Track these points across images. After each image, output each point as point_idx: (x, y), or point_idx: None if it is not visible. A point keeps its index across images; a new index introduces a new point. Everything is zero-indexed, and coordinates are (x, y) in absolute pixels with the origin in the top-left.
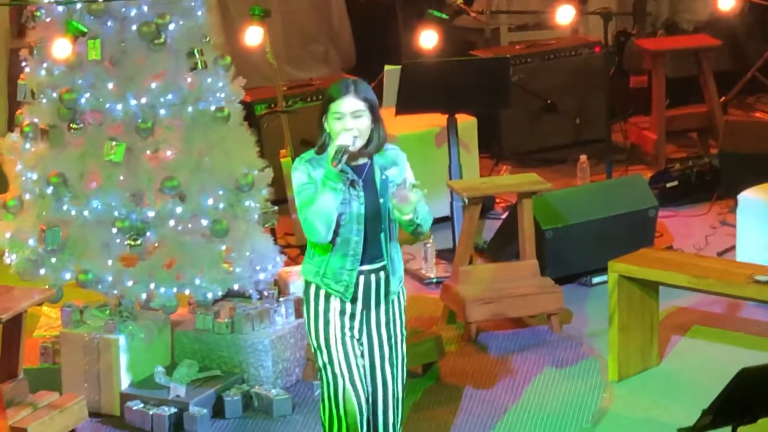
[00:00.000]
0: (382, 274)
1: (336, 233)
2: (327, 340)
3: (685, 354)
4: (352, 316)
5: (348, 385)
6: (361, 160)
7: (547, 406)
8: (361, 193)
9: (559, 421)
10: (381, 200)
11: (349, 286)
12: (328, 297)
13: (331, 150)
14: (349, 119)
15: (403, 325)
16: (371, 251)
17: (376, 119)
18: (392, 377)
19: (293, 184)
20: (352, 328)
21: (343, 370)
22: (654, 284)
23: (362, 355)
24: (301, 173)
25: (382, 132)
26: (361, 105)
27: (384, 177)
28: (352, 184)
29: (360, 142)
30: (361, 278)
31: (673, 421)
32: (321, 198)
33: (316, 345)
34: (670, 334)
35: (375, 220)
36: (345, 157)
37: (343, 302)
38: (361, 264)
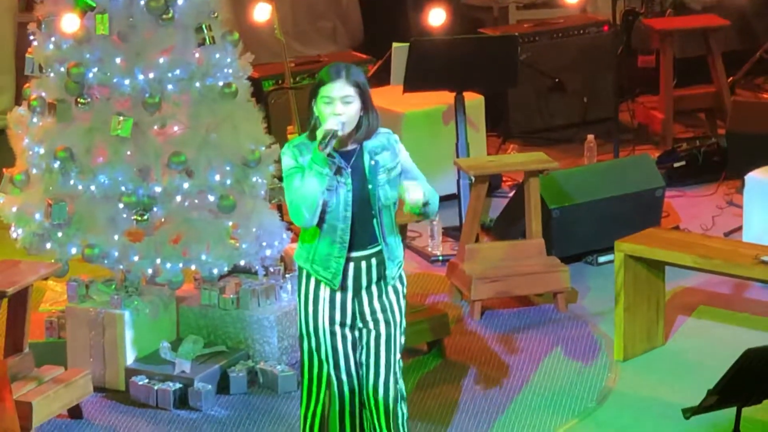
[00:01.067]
0: (374, 260)
1: (322, 219)
2: (316, 327)
3: (690, 334)
4: (343, 305)
5: (332, 372)
6: (350, 146)
7: (552, 385)
8: (349, 180)
9: (564, 400)
10: (370, 186)
11: (336, 274)
12: (318, 284)
13: (319, 134)
14: (338, 104)
15: (402, 311)
16: (361, 237)
17: (366, 105)
18: (386, 363)
19: (282, 168)
20: (343, 317)
21: (329, 358)
22: (660, 264)
23: (355, 342)
24: (288, 158)
25: (373, 119)
26: (351, 90)
27: (373, 162)
28: (339, 171)
29: (348, 128)
30: (351, 265)
31: (678, 400)
32: (306, 182)
33: (304, 330)
34: (675, 314)
35: (364, 207)
36: (332, 142)
37: (333, 291)
38: (350, 251)
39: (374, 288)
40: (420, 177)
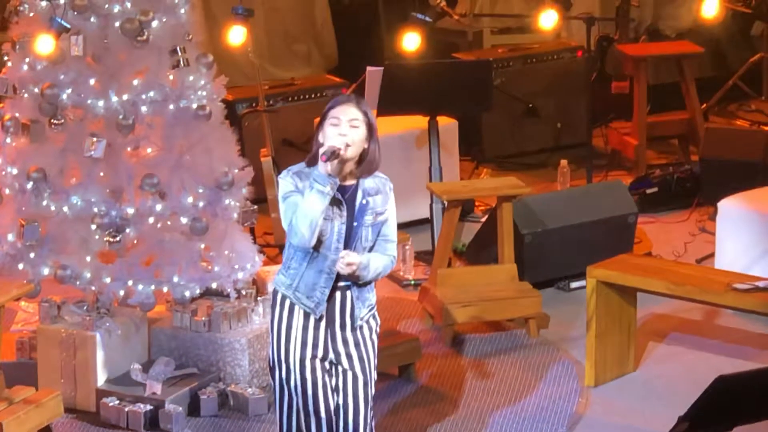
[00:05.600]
0: (348, 293)
1: (314, 248)
2: (287, 355)
3: (661, 360)
4: (316, 333)
5: (300, 402)
6: (349, 181)
7: (523, 411)
8: (344, 213)
9: (535, 426)
10: (355, 223)
11: (320, 304)
12: (292, 309)
13: (322, 149)
14: (344, 125)
15: (374, 349)
16: None
17: (371, 138)
18: (365, 401)
19: (280, 194)
20: (315, 346)
21: (298, 388)
22: (632, 290)
23: (324, 377)
24: (287, 183)
25: (377, 155)
26: (359, 115)
27: (365, 202)
28: (338, 203)
29: (351, 153)
30: (334, 294)
31: (649, 427)
32: (307, 199)
33: (276, 359)
34: (647, 340)
35: (348, 242)
36: (334, 161)
37: (307, 316)
38: (336, 280)
39: (348, 320)
40: (392, 237)
